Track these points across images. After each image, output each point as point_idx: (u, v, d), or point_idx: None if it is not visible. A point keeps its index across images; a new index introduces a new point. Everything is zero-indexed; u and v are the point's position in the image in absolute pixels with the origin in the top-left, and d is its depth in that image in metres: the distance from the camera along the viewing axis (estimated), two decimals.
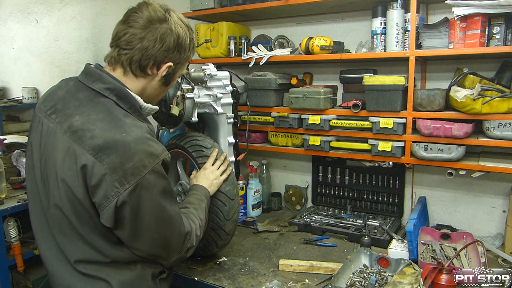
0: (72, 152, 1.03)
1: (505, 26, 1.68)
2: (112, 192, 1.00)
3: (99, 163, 1.00)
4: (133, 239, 1.09)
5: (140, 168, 1.02)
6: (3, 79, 4.29)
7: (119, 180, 1.00)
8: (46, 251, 1.16)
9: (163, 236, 1.13)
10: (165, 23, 1.14)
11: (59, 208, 1.08)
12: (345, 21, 2.27)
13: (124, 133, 1.03)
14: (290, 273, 1.67)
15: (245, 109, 2.21)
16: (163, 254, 1.17)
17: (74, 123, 1.06)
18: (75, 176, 1.02)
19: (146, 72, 1.16)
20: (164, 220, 1.12)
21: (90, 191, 1.02)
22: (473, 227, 2.03)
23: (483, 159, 1.78)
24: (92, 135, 1.02)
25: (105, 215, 1.02)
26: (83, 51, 3.56)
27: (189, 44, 1.20)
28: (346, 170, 2.33)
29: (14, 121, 4.10)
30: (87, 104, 1.09)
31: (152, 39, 1.12)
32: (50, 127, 1.10)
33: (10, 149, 2.62)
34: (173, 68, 1.19)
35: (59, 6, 3.67)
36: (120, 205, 1.01)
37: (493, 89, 1.67)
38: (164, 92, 1.29)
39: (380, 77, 1.88)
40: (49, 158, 1.09)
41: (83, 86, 1.14)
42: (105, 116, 1.06)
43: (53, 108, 1.13)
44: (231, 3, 2.31)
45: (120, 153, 1.00)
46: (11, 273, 2.34)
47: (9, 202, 2.16)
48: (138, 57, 1.14)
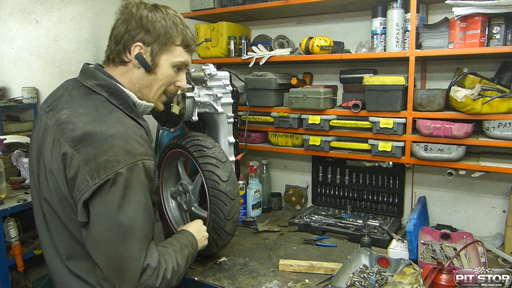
0: (57, 143, 1.04)
1: (505, 26, 1.68)
2: (83, 184, 0.98)
3: (77, 154, 1.00)
4: (91, 245, 1.02)
5: (113, 163, 0.98)
6: (3, 79, 4.29)
7: (90, 173, 0.98)
8: (46, 246, 1.17)
9: (117, 255, 1.01)
10: (131, 9, 1.16)
11: (48, 202, 1.09)
12: (345, 21, 2.27)
13: (104, 126, 1.03)
14: (290, 273, 1.67)
15: (245, 109, 2.21)
16: (115, 280, 1.01)
17: (61, 116, 1.08)
18: (59, 168, 1.03)
19: (123, 60, 1.17)
20: (124, 234, 1.00)
21: (70, 184, 1.02)
22: (473, 227, 2.03)
23: (483, 159, 1.78)
24: (74, 127, 1.03)
25: (78, 210, 1.01)
26: (83, 51, 3.56)
27: (162, 27, 1.16)
28: (346, 170, 2.33)
29: (14, 121, 4.10)
30: (78, 100, 1.12)
31: (118, 25, 1.17)
32: (47, 123, 1.13)
33: (10, 149, 2.62)
34: (146, 50, 1.16)
35: (59, 6, 3.67)
36: (88, 200, 0.98)
37: (493, 89, 1.67)
38: (154, 82, 1.21)
39: (380, 77, 1.88)
40: (41, 152, 1.11)
41: (78, 84, 1.17)
42: (92, 111, 1.08)
43: (51, 106, 1.16)
44: (231, 3, 2.31)
45: (96, 145, 0.99)
46: (11, 273, 2.34)
47: (9, 202, 2.16)
48: (113, 46, 1.17)
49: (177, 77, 1.26)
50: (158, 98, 1.26)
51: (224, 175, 1.60)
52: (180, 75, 1.26)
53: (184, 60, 1.23)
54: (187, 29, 1.23)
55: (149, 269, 1.05)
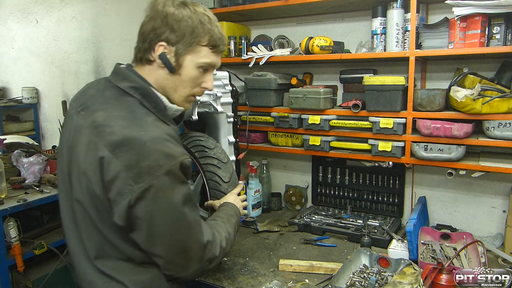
0: (93, 146, 1.04)
1: (505, 26, 1.68)
2: (126, 189, 0.99)
3: (115, 159, 1.00)
4: (150, 243, 1.07)
5: (156, 168, 1.00)
6: (3, 79, 4.29)
7: (134, 178, 0.99)
8: (73, 246, 1.16)
9: (180, 243, 1.09)
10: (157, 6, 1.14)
11: (80, 202, 1.09)
12: (345, 21, 2.27)
13: (142, 131, 1.02)
14: (290, 273, 1.67)
15: (245, 109, 2.21)
16: (181, 261, 1.12)
17: (97, 118, 1.07)
18: (94, 170, 1.03)
19: (148, 59, 1.15)
20: (181, 226, 1.08)
21: (106, 186, 1.02)
22: (473, 227, 2.03)
23: (483, 159, 1.78)
24: (112, 131, 1.02)
25: (118, 212, 1.02)
26: (83, 51, 3.56)
27: (188, 26, 1.12)
28: (346, 170, 2.33)
29: (14, 121, 4.10)
30: (112, 101, 1.11)
31: (146, 23, 1.15)
32: (78, 123, 1.12)
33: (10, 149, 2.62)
34: (171, 50, 1.13)
35: (59, 6, 3.67)
36: (133, 204, 1.00)
37: (493, 89, 1.67)
38: (179, 84, 1.18)
39: (380, 77, 1.88)
40: (74, 152, 1.10)
41: (111, 85, 1.15)
42: (127, 114, 1.07)
43: (83, 106, 1.14)
44: (231, 3, 2.31)
45: (137, 151, 0.99)
46: (11, 273, 2.34)
47: (9, 202, 2.16)
48: (140, 45, 1.16)
49: (203, 78, 1.21)
50: (184, 100, 1.22)
51: (226, 176, 1.60)
52: (206, 76, 1.21)
53: (210, 62, 1.18)
54: (216, 28, 1.17)
55: (209, 244, 1.15)
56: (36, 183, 2.44)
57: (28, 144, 2.71)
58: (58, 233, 2.51)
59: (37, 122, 4.01)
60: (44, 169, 2.55)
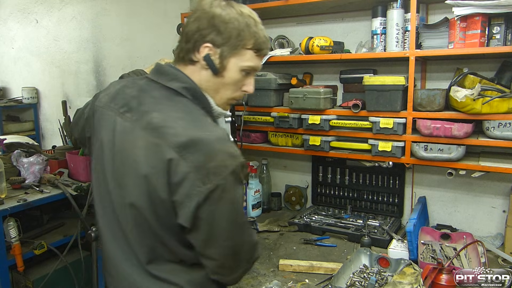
0: (156, 149, 1.01)
1: (505, 26, 1.68)
2: (194, 191, 0.98)
3: (183, 161, 0.98)
4: (207, 244, 1.06)
5: (222, 168, 0.99)
6: (3, 79, 4.30)
7: (202, 179, 0.97)
8: (115, 253, 1.13)
9: (235, 244, 1.09)
10: (204, 6, 1.11)
11: (136, 206, 1.05)
12: (345, 21, 2.27)
13: (207, 131, 1.01)
14: (290, 273, 1.67)
15: (241, 108, 2.21)
16: (232, 264, 1.12)
17: (153, 120, 1.04)
18: (159, 173, 1.00)
19: (191, 59, 1.12)
20: (239, 226, 1.09)
21: (172, 189, 1.00)
22: (473, 227, 2.03)
23: (483, 159, 1.78)
24: (176, 132, 1.00)
25: (184, 214, 1.00)
26: (83, 51, 3.56)
27: (234, 28, 1.10)
28: (346, 170, 2.33)
29: (14, 121, 4.10)
30: (165, 102, 1.08)
31: (190, 22, 1.12)
32: (126, 126, 1.08)
33: (10, 149, 2.62)
34: (216, 52, 1.10)
35: (59, 6, 3.68)
36: (200, 205, 0.99)
37: (493, 89, 1.67)
38: (221, 86, 1.15)
39: (380, 77, 1.88)
40: (127, 156, 1.06)
41: (158, 85, 1.12)
42: (185, 115, 1.05)
43: (127, 107, 1.11)
44: None
45: (204, 152, 0.98)
46: (11, 273, 2.34)
47: (9, 202, 2.16)
48: (183, 44, 1.13)
49: (244, 81, 1.19)
50: (225, 102, 1.19)
51: None
52: (248, 79, 1.19)
53: (254, 65, 1.16)
54: (261, 32, 1.15)
55: (257, 244, 1.17)
56: (36, 183, 2.44)
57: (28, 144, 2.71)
58: (58, 233, 2.51)
59: (37, 122, 4.01)
60: (44, 169, 2.55)
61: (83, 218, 2.24)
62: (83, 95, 3.61)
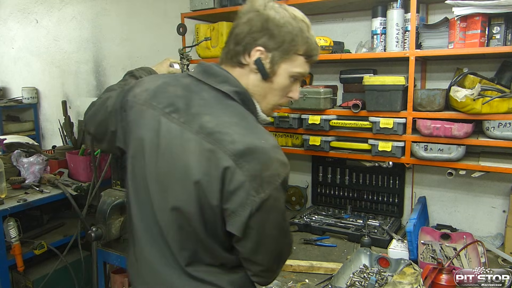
0: (210, 155, 0.98)
1: (505, 26, 1.68)
2: (248, 200, 0.96)
3: (239, 170, 0.96)
4: (255, 252, 1.05)
5: (276, 177, 0.98)
6: (3, 79, 4.30)
7: (256, 188, 0.96)
8: (150, 254, 1.10)
9: (281, 249, 1.11)
10: (257, 8, 1.08)
11: (182, 211, 1.03)
12: (345, 21, 2.27)
13: (262, 139, 0.99)
14: (290, 273, 1.67)
15: None
16: (276, 267, 1.13)
17: (206, 124, 1.00)
18: (213, 180, 0.97)
19: (240, 61, 1.09)
20: (285, 231, 1.10)
21: (225, 197, 0.98)
22: (473, 227, 2.03)
23: (483, 159, 1.78)
24: (232, 140, 0.97)
25: (236, 222, 0.99)
26: (83, 51, 3.56)
27: (288, 33, 1.06)
28: (346, 170, 2.33)
29: (14, 121, 4.11)
30: (216, 105, 1.05)
31: (241, 24, 1.08)
32: (174, 128, 1.04)
33: (10, 149, 2.62)
34: (267, 56, 1.06)
35: (59, 6, 3.68)
36: (253, 214, 0.98)
37: (493, 89, 1.67)
38: (269, 91, 1.12)
39: (380, 77, 1.88)
40: (176, 160, 1.02)
41: (206, 86, 1.09)
42: (239, 120, 1.03)
43: (172, 107, 1.06)
44: (231, 3, 2.30)
45: (261, 161, 0.97)
46: (11, 273, 2.34)
47: (9, 202, 2.16)
48: (232, 46, 1.09)
49: (292, 87, 1.14)
50: (271, 108, 1.16)
51: None
52: (294, 85, 1.15)
53: (303, 72, 1.13)
54: (312, 38, 1.12)
55: (292, 244, 1.18)
56: (36, 183, 2.44)
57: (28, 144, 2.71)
58: (58, 233, 2.51)
59: (37, 122, 4.02)
60: (44, 169, 2.56)
61: (83, 218, 2.24)
62: (83, 95, 3.61)
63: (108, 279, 2.19)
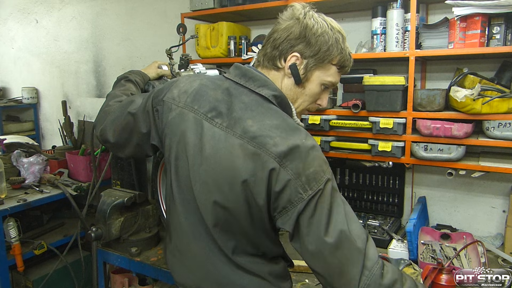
0: (255, 158, 1.02)
1: (505, 26, 1.68)
2: (296, 197, 1.00)
3: (283, 170, 1.00)
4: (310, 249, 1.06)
5: (321, 174, 1.01)
6: (3, 79, 4.30)
7: (302, 186, 0.99)
8: (198, 246, 1.15)
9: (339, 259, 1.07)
10: (298, 16, 1.12)
11: (225, 207, 1.07)
12: (345, 21, 2.28)
13: (303, 139, 1.03)
14: (290, 273, 1.66)
15: None
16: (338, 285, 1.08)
17: (249, 128, 1.04)
18: (259, 181, 1.01)
19: (276, 65, 1.14)
20: (341, 238, 1.07)
21: (273, 196, 1.02)
22: (473, 227, 2.03)
23: (483, 159, 1.78)
24: (275, 143, 1.01)
25: (288, 220, 1.02)
26: (83, 51, 3.56)
27: (324, 42, 1.10)
28: (346, 170, 2.32)
29: (14, 121, 4.11)
30: (256, 108, 1.08)
31: (280, 30, 1.13)
32: (217, 133, 1.08)
33: (10, 149, 2.62)
34: (302, 62, 1.11)
35: (59, 6, 3.68)
36: (302, 211, 1.00)
37: (493, 89, 1.67)
38: (300, 96, 1.17)
39: (380, 77, 1.88)
40: (223, 162, 1.06)
41: (245, 90, 1.12)
42: (280, 122, 1.06)
43: (215, 111, 1.10)
44: (231, 3, 2.31)
45: (302, 159, 1.00)
46: (11, 273, 2.34)
47: (9, 202, 2.16)
48: (269, 50, 1.14)
49: (321, 95, 1.20)
50: (299, 112, 1.21)
51: None
52: (325, 93, 1.21)
53: (334, 81, 1.18)
54: (347, 49, 1.17)
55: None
56: (36, 183, 2.44)
57: (28, 144, 2.71)
58: (58, 233, 2.51)
59: (37, 122, 4.02)
60: (44, 169, 2.56)
61: (83, 218, 2.24)
62: (83, 95, 3.61)
63: (108, 279, 2.19)
